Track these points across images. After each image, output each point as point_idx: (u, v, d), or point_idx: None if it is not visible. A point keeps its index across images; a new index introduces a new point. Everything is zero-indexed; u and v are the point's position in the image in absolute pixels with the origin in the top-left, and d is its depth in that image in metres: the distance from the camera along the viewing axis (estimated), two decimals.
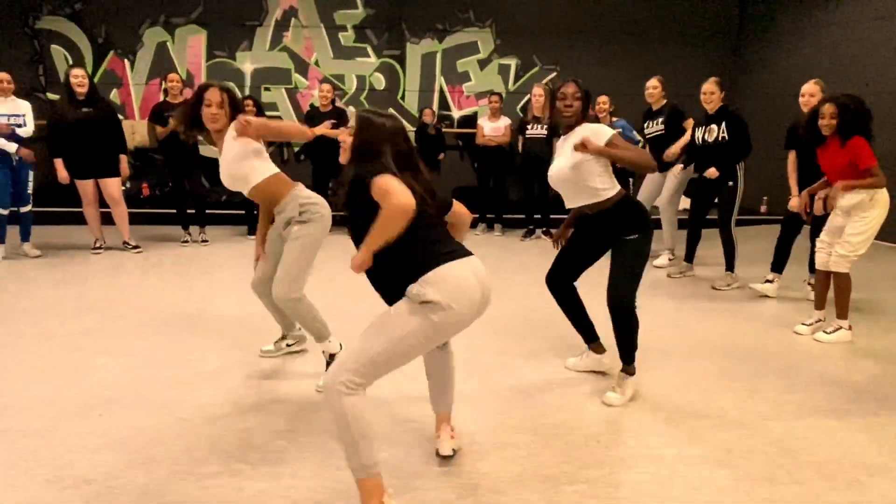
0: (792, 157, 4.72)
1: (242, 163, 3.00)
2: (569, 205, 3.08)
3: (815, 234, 4.34)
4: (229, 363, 3.37)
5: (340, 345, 3.14)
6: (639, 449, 2.59)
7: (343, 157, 2.21)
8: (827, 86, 4.57)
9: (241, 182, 3.05)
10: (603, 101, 6.34)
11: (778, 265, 4.80)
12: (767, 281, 4.81)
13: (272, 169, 3.08)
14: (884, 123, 6.61)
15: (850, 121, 3.67)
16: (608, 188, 2.94)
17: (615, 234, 2.96)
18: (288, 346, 3.49)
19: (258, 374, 3.27)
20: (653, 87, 5.75)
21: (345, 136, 2.21)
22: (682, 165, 5.57)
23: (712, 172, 4.92)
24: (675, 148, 5.52)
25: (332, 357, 3.13)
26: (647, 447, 2.61)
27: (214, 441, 2.58)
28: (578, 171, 2.90)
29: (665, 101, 5.75)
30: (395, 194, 1.93)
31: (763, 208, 8.33)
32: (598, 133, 2.87)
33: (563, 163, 2.96)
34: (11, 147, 5.38)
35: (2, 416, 2.74)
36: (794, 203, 4.56)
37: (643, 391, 3.13)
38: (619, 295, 2.91)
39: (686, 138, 5.42)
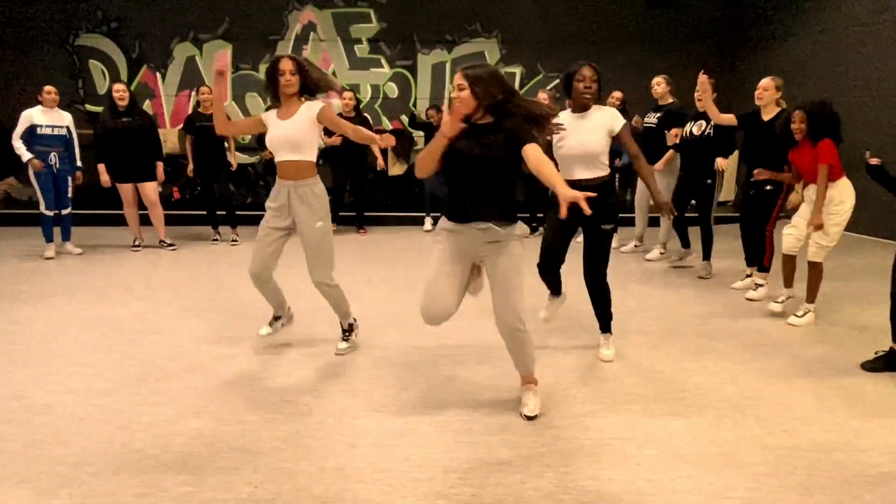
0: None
1: (308, 133, 3.30)
2: (576, 177, 3.34)
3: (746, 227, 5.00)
4: (261, 339, 3.84)
5: (354, 318, 3.76)
6: (610, 404, 3.06)
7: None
8: (783, 83, 4.88)
9: (294, 149, 3.29)
10: (616, 97, 6.70)
11: (750, 258, 5.16)
12: (748, 276, 5.16)
13: (315, 154, 3.47)
14: (867, 122, 7.04)
15: (817, 126, 4.10)
16: (607, 164, 3.43)
17: (601, 215, 3.20)
18: (282, 325, 3.80)
19: (284, 346, 3.79)
20: (656, 83, 6.11)
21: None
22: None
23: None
24: (659, 165, 5.88)
25: (350, 327, 3.73)
26: (616, 402, 3.08)
27: (252, 398, 3.10)
28: (601, 147, 3.34)
29: (671, 101, 6.11)
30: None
31: None
32: (616, 117, 3.37)
33: (586, 138, 3.33)
34: (26, 155, 5.84)
35: (74, 379, 3.29)
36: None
37: (621, 362, 3.59)
38: (603, 271, 3.48)
39: (669, 154, 5.85)
